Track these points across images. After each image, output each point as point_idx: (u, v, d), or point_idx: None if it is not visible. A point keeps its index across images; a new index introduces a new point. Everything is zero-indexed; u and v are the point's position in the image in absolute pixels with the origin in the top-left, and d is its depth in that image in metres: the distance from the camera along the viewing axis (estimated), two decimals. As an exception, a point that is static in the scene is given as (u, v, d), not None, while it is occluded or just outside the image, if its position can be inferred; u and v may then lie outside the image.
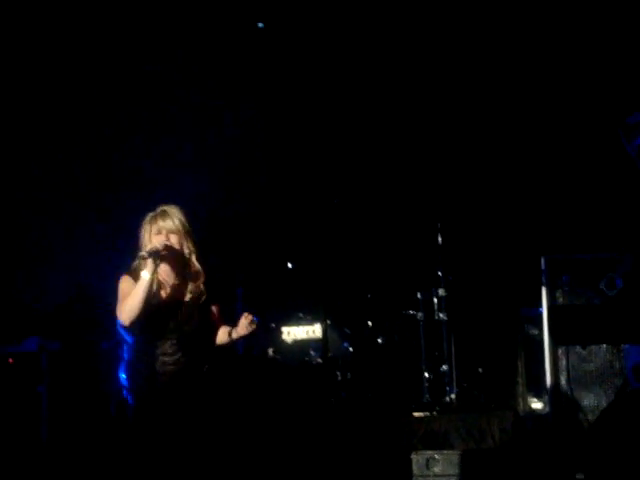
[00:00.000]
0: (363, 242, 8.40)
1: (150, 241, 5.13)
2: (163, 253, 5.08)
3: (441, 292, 7.89)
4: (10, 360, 7.18)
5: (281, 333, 8.01)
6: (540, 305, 6.95)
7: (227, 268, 8.37)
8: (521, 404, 7.72)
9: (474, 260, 8.22)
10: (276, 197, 8.66)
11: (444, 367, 7.81)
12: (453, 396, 7.70)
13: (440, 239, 7.87)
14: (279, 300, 8.25)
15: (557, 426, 6.60)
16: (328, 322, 7.81)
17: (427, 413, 7.51)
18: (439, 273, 7.90)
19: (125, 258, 5.37)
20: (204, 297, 5.24)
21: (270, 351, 7.92)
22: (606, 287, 6.69)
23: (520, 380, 7.75)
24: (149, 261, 5.05)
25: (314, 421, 6.97)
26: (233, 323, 8.01)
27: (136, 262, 5.12)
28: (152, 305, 5.10)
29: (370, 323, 8.15)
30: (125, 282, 5.13)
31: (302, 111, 8.54)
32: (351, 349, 8.01)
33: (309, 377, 7.77)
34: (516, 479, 5.94)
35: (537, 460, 6.11)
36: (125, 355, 5.80)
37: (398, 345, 8.14)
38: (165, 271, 5.19)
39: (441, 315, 7.89)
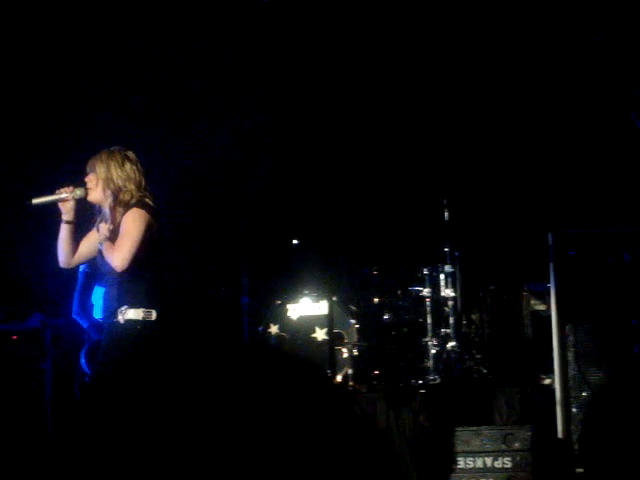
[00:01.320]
0: (369, 218, 8.33)
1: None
2: (64, 197, 5.37)
3: (447, 268, 7.85)
4: (14, 337, 7.17)
5: (286, 310, 7.96)
6: (547, 281, 6.90)
7: (231, 248, 8.34)
8: (528, 381, 7.68)
9: (481, 236, 8.17)
10: (282, 172, 8.61)
11: (451, 344, 7.78)
12: (459, 373, 7.66)
13: (446, 215, 7.83)
14: (284, 277, 8.21)
15: (565, 402, 6.56)
16: (334, 299, 7.77)
17: (433, 390, 7.48)
18: (445, 249, 7.86)
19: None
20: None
21: (275, 328, 7.88)
22: (614, 262, 6.64)
23: (527, 355, 7.71)
24: (62, 205, 5.40)
25: (320, 398, 6.92)
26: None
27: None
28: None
29: (376, 300, 8.11)
30: None
31: (306, 85, 8.48)
32: (357, 326, 7.97)
33: (315, 354, 7.74)
34: (525, 454, 5.92)
35: (544, 437, 6.08)
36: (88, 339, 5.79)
37: (404, 322, 8.10)
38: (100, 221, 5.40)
39: (447, 291, 7.86)
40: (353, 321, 7.96)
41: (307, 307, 7.98)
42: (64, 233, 5.40)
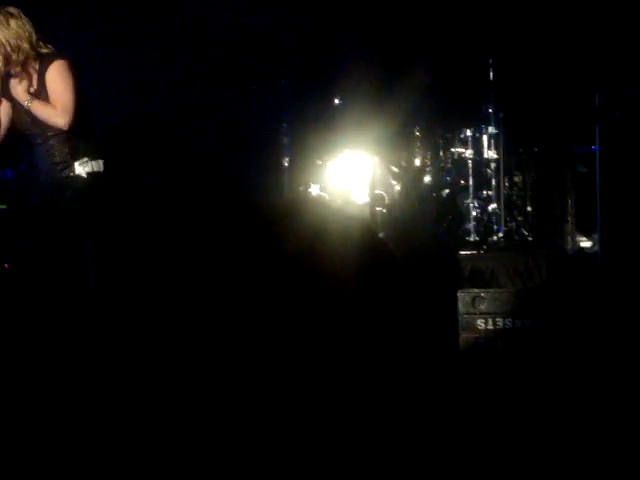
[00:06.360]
0: (412, 78, 8.18)
1: None
2: None
3: (491, 129, 7.76)
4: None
5: (327, 170, 7.92)
6: (592, 143, 6.80)
7: (272, 107, 8.26)
8: (569, 243, 7.66)
9: (526, 97, 8.01)
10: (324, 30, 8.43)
11: (492, 206, 7.74)
12: (500, 235, 7.65)
13: (491, 74, 7.69)
14: (324, 135, 8.14)
15: (606, 264, 6.53)
16: (375, 159, 7.73)
17: (474, 252, 7.48)
18: (489, 110, 7.75)
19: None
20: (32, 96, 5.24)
21: (316, 188, 7.85)
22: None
23: (569, 219, 7.67)
24: None
25: (358, 257, 6.94)
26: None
27: None
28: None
29: (418, 161, 8.05)
30: None
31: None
32: (398, 187, 7.92)
33: (355, 214, 7.72)
34: (565, 317, 5.91)
35: (585, 297, 6.05)
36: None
37: (446, 184, 8.05)
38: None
39: (490, 153, 7.78)
40: (394, 182, 7.92)
41: (348, 168, 7.93)
42: None
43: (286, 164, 8.11)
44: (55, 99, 5.21)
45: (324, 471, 3.85)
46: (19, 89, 5.22)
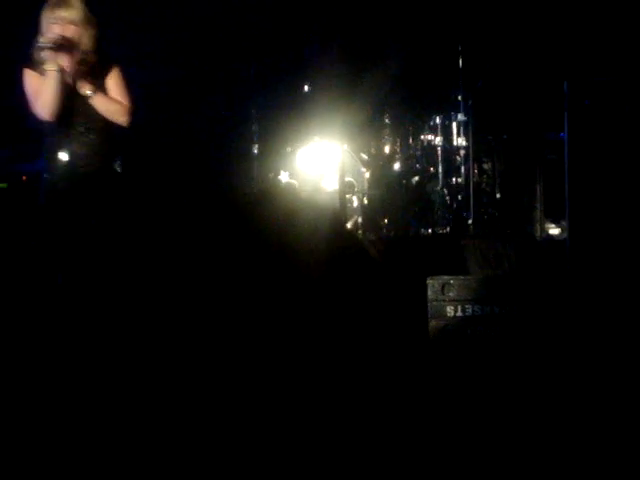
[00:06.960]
0: (382, 66, 8.18)
1: (47, 31, 5.01)
2: (61, 44, 4.99)
3: (460, 117, 7.77)
4: (24, 178, 7.16)
5: (296, 157, 7.91)
6: (561, 130, 6.80)
7: (242, 94, 8.23)
8: (538, 230, 7.69)
9: (495, 84, 8.03)
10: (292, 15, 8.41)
11: (461, 193, 7.75)
12: (470, 222, 7.66)
13: (460, 62, 7.69)
14: (293, 123, 8.13)
15: (574, 251, 6.55)
16: (345, 147, 7.72)
17: (443, 239, 7.49)
18: (459, 97, 7.76)
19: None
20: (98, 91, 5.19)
21: (285, 175, 7.84)
22: (630, 111, 6.54)
23: (538, 206, 7.70)
24: (50, 53, 4.98)
25: (328, 245, 6.93)
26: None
27: (36, 54, 5.03)
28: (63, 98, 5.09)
29: (387, 148, 8.05)
30: (31, 77, 5.05)
31: None
32: (368, 174, 7.92)
33: (325, 202, 7.72)
34: (533, 303, 5.92)
35: (553, 284, 6.08)
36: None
37: (415, 171, 8.06)
38: (65, 64, 5.10)
39: (460, 140, 7.79)
40: (364, 169, 7.92)
41: (317, 155, 7.92)
42: (58, 83, 5.11)
43: (255, 152, 8.09)
44: (121, 99, 5.23)
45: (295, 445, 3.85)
46: (83, 78, 5.16)
